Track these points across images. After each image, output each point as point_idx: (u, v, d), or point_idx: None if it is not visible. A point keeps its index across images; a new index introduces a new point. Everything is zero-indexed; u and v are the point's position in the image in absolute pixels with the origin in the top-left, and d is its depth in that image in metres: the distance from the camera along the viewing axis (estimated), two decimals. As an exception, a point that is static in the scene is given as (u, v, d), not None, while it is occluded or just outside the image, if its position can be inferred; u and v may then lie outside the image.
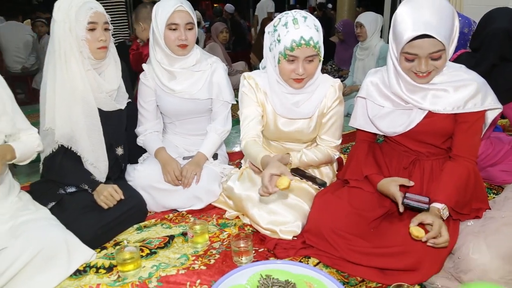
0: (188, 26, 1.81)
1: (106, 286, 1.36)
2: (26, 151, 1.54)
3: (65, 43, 1.60)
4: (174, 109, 1.97)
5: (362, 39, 3.75)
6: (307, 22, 1.48)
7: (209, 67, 1.94)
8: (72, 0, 1.61)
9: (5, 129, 1.45)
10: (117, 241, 1.67)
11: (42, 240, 1.39)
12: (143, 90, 1.97)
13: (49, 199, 1.69)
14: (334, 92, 1.69)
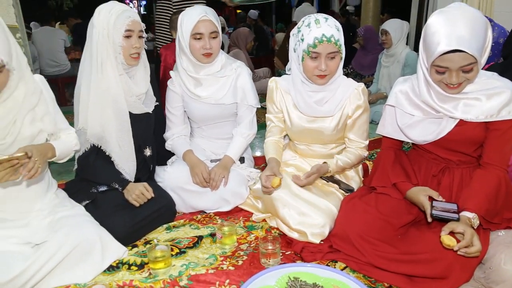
0: (213, 35, 1.86)
1: (139, 282, 1.41)
2: (65, 150, 1.60)
3: (102, 48, 1.67)
4: (201, 114, 2.03)
5: (387, 46, 3.74)
6: (328, 22, 1.58)
7: (234, 72, 1.98)
8: (112, 7, 1.69)
9: (47, 129, 1.52)
10: (148, 240, 1.72)
11: (79, 235, 1.45)
12: (171, 96, 2.04)
13: (84, 197, 1.77)
14: (358, 95, 1.73)
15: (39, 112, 1.48)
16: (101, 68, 1.70)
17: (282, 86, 1.83)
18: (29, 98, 1.43)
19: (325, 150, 1.86)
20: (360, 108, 1.75)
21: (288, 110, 1.83)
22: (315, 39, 1.56)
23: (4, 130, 1.37)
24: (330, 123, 1.76)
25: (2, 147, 1.38)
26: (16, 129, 1.40)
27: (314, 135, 1.81)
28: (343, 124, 1.77)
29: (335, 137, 1.81)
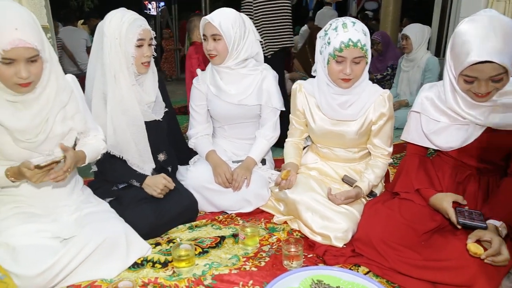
0: (214, 37, 1.90)
1: (164, 280, 1.43)
2: (94, 155, 1.65)
3: (115, 58, 1.69)
4: (224, 113, 2.06)
5: (407, 51, 3.72)
6: (356, 27, 1.59)
7: (260, 73, 2.00)
8: (123, 16, 1.69)
9: (78, 127, 1.55)
10: (170, 238, 1.74)
11: (105, 231, 1.48)
12: (195, 94, 2.08)
13: (106, 195, 1.80)
14: (383, 101, 1.73)
15: (70, 110, 1.52)
16: (114, 79, 1.72)
17: (306, 88, 1.85)
18: (60, 95, 1.47)
19: (348, 154, 1.86)
20: (384, 116, 1.75)
21: (311, 112, 1.84)
22: (341, 43, 1.57)
23: (37, 128, 1.41)
24: (353, 127, 1.76)
25: (33, 145, 1.42)
26: (48, 127, 1.44)
27: (336, 138, 1.82)
28: (366, 129, 1.77)
29: (358, 141, 1.81)
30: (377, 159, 1.81)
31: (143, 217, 1.69)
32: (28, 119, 1.38)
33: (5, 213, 1.46)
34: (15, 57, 1.27)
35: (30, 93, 1.38)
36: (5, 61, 1.26)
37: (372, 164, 1.80)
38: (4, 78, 1.30)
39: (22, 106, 1.39)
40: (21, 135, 1.38)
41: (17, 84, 1.31)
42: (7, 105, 1.36)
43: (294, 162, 1.87)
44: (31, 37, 1.28)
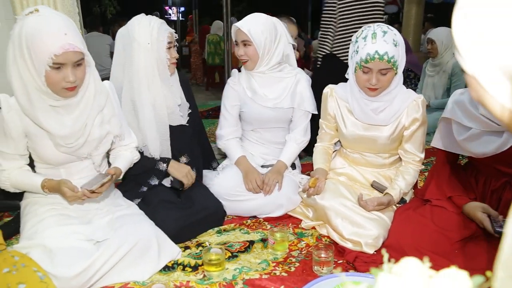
0: (244, 42, 1.93)
1: (195, 284, 1.44)
2: (128, 166, 1.72)
3: (147, 62, 1.72)
4: (258, 117, 2.05)
5: (432, 55, 3.66)
6: (385, 37, 1.56)
7: (294, 77, 2.01)
8: (150, 20, 1.73)
9: (114, 130, 1.59)
10: (199, 242, 1.76)
11: (138, 234, 1.50)
12: (231, 93, 2.09)
13: (134, 196, 1.83)
14: (416, 106, 1.71)
15: (107, 114, 1.56)
16: (147, 84, 1.75)
17: (337, 93, 1.84)
18: (98, 98, 1.51)
19: (378, 160, 1.84)
20: (417, 121, 1.72)
21: (343, 117, 1.83)
22: (367, 55, 1.56)
23: (78, 132, 1.45)
24: (385, 132, 1.75)
25: (73, 149, 1.47)
26: (87, 131, 1.48)
27: (368, 143, 1.80)
28: (398, 134, 1.75)
29: (389, 146, 1.79)
30: (408, 166, 1.78)
31: (170, 219, 1.70)
32: (71, 124, 1.43)
33: (42, 215, 1.50)
34: (64, 61, 1.31)
35: (73, 97, 1.42)
36: (54, 66, 1.30)
37: (403, 171, 1.77)
38: (52, 83, 1.34)
39: (63, 111, 1.43)
40: (63, 140, 1.42)
41: (64, 88, 1.36)
42: (50, 110, 1.40)
43: (323, 168, 1.87)
44: (78, 41, 1.34)
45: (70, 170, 1.56)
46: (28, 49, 1.29)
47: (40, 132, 1.44)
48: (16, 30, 1.31)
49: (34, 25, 1.29)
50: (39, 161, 1.55)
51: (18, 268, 1.18)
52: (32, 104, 1.37)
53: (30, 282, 1.15)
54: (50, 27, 1.30)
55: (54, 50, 1.28)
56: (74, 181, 1.56)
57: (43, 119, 1.39)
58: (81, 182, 1.58)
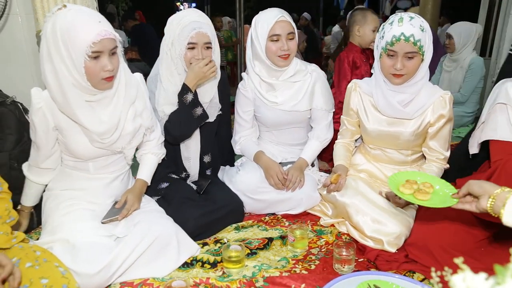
0: (290, 36, 1.83)
1: (215, 280, 1.43)
2: (153, 171, 1.76)
3: (168, 57, 1.73)
4: (273, 120, 1.99)
5: (450, 50, 3.59)
6: (412, 22, 1.54)
7: (309, 77, 1.94)
8: (182, 17, 1.71)
9: (146, 123, 1.61)
10: (217, 239, 1.74)
11: (157, 230, 1.49)
12: (242, 100, 2.01)
13: (153, 193, 1.83)
14: (443, 103, 1.66)
15: (139, 106, 1.56)
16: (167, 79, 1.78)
17: (361, 87, 1.80)
18: (130, 90, 1.51)
19: (400, 157, 1.80)
20: (443, 117, 1.66)
21: (366, 112, 1.79)
22: (393, 37, 1.54)
23: (113, 127, 1.45)
24: (409, 127, 1.70)
25: (108, 143, 1.48)
26: (121, 125, 1.49)
27: (390, 139, 1.76)
28: (422, 130, 1.70)
29: (412, 143, 1.75)
30: (432, 164, 1.73)
31: (191, 217, 1.69)
32: (107, 120, 1.44)
33: (64, 210, 1.50)
34: (102, 49, 1.31)
35: (109, 89, 1.42)
36: (93, 55, 1.30)
37: (426, 169, 1.72)
38: (92, 74, 1.34)
39: (98, 106, 1.43)
40: (100, 136, 1.43)
41: (103, 79, 1.36)
42: (86, 106, 1.40)
43: (343, 164, 1.83)
44: (110, 29, 1.35)
45: (98, 164, 1.58)
46: (65, 43, 1.29)
47: (73, 127, 1.45)
48: (49, 28, 1.31)
49: (67, 19, 1.30)
50: (67, 155, 1.55)
51: (40, 263, 1.17)
52: (68, 101, 1.37)
53: (52, 277, 1.15)
54: (83, 18, 1.31)
55: (92, 38, 1.28)
56: (101, 175, 1.60)
57: (81, 115, 1.39)
58: (109, 177, 1.62)
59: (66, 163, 1.59)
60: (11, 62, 2.15)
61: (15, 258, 1.17)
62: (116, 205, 1.58)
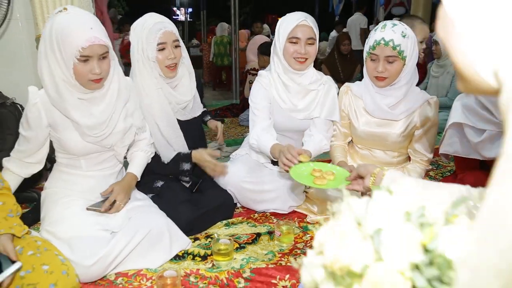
0: (309, 41, 1.84)
1: (205, 271, 1.52)
2: (144, 166, 1.82)
3: (138, 63, 1.76)
4: (284, 126, 2.01)
5: (436, 56, 3.72)
6: (394, 28, 1.65)
7: (323, 87, 1.97)
8: (146, 19, 1.75)
9: (136, 123, 1.70)
10: (208, 234, 1.83)
11: (150, 224, 1.57)
12: (259, 90, 1.96)
13: (148, 191, 1.91)
14: (429, 107, 1.75)
15: (130, 107, 1.65)
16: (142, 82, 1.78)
17: (353, 90, 1.88)
18: (122, 92, 1.60)
19: (386, 158, 1.89)
20: (429, 120, 1.75)
21: (356, 114, 1.87)
22: (374, 42, 1.66)
23: (104, 123, 1.54)
24: (397, 129, 1.79)
25: (99, 139, 1.56)
26: (113, 123, 1.57)
27: (379, 140, 1.84)
28: (409, 132, 1.79)
29: (399, 144, 1.83)
30: (416, 165, 1.83)
31: (183, 214, 1.77)
32: (98, 115, 1.51)
33: (62, 205, 1.58)
34: (91, 54, 1.40)
35: (99, 89, 1.51)
36: (81, 58, 1.39)
37: (410, 169, 1.82)
38: (80, 76, 1.43)
39: (90, 104, 1.51)
40: (90, 130, 1.51)
41: (90, 80, 1.44)
42: (78, 103, 1.49)
43: (344, 161, 1.88)
44: (102, 35, 1.43)
45: (90, 161, 1.65)
46: (58, 44, 1.38)
47: (66, 123, 1.52)
48: (47, 27, 1.41)
49: (63, 22, 1.39)
50: (60, 151, 1.63)
51: (41, 251, 1.26)
52: (61, 97, 1.45)
53: (53, 264, 1.23)
54: (78, 22, 1.40)
55: (81, 43, 1.37)
56: (94, 172, 1.67)
57: (72, 110, 1.47)
58: (101, 174, 1.68)
59: (60, 161, 1.66)
60: (11, 65, 2.24)
61: (18, 246, 1.25)
62: (102, 193, 1.64)
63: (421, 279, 0.43)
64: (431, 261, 0.43)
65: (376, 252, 0.46)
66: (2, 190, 1.35)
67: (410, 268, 0.44)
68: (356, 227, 0.49)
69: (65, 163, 1.65)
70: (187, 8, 11.94)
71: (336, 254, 0.48)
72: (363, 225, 0.49)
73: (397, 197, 0.50)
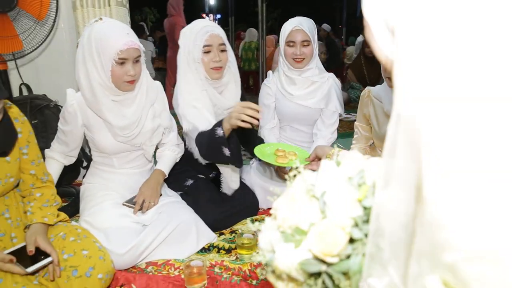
0: (304, 43, 2.04)
1: (229, 263, 1.61)
2: (172, 164, 1.92)
3: (184, 65, 1.85)
4: (287, 113, 2.20)
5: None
6: None
7: (326, 81, 2.15)
8: (194, 26, 1.84)
9: (164, 123, 1.82)
10: (233, 229, 1.92)
11: (179, 219, 1.68)
12: (265, 91, 2.24)
13: (178, 189, 2.02)
14: None
15: (158, 108, 1.78)
16: (187, 83, 1.86)
17: (373, 93, 1.94)
18: (150, 93, 1.73)
19: None
20: None
21: (377, 117, 1.92)
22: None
23: (134, 123, 1.67)
24: None
25: (129, 138, 1.69)
26: (141, 123, 1.70)
27: None
28: None
29: None
30: None
31: (210, 212, 1.86)
32: (129, 116, 1.64)
33: (99, 198, 1.72)
34: (127, 57, 1.54)
35: (131, 91, 1.64)
36: (119, 61, 1.53)
37: None
38: (116, 77, 1.56)
39: (122, 106, 1.65)
40: (121, 130, 1.64)
41: (125, 82, 1.58)
42: (112, 105, 1.63)
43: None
44: (136, 40, 1.58)
45: (122, 159, 1.78)
46: (97, 50, 1.53)
47: (99, 124, 1.66)
48: (86, 36, 1.56)
49: (101, 30, 1.54)
50: (95, 150, 1.78)
51: (81, 238, 1.38)
52: (96, 99, 1.59)
53: (91, 249, 1.35)
54: (115, 29, 1.55)
55: (119, 47, 1.52)
56: (126, 170, 1.79)
57: (106, 111, 1.61)
58: (132, 172, 1.81)
59: (96, 159, 1.81)
60: (55, 70, 2.43)
61: (62, 232, 1.39)
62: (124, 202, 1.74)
63: (359, 232, 0.50)
64: (367, 219, 0.50)
65: (322, 212, 0.53)
66: (46, 183, 1.49)
67: (350, 225, 0.51)
68: (304, 192, 0.57)
69: (100, 161, 1.80)
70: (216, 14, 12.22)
71: (287, 215, 0.56)
72: (311, 190, 0.56)
73: (343, 166, 0.57)
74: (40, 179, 1.44)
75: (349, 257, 0.51)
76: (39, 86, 2.40)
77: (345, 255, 0.51)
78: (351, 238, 0.51)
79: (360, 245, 0.50)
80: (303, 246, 0.54)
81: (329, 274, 0.51)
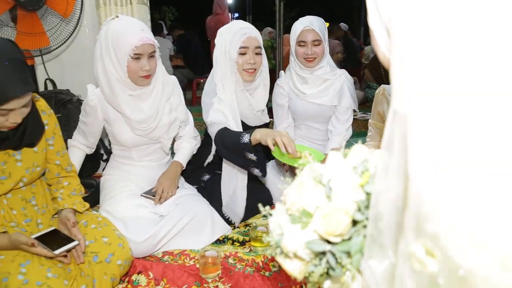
0: (315, 43, 2.06)
1: (243, 254, 1.66)
2: (190, 155, 1.98)
3: (220, 64, 1.84)
4: (301, 111, 2.23)
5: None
6: None
7: (338, 78, 2.17)
8: (232, 26, 1.87)
9: (180, 117, 1.87)
10: (247, 223, 1.97)
11: (195, 210, 1.74)
12: (277, 91, 2.27)
13: (194, 183, 2.08)
14: None
15: (174, 102, 1.83)
16: (222, 86, 1.84)
17: (388, 91, 1.97)
18: (166, 88, 1.78)
19: None
20: None
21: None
22: None
23: (151, 117, 1.73)
24: None
25: (147, 131, 1.75)
26: (158, 117, 1.76)
27: None
28: None
29: None
30: None
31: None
32: (146, 110, 1.71)
33: (118, 190, 1.79)
34: (142, 52, 1.60)
35: (147, 86, 1.70)
36: (134, 56, 1.60)
37: None
38: (132, 72, 1.63)
39: (139, 100, 1.71)
40: (139, 124, 1.71)
41: (141, 76, 1.64)
42: (129, 100, 1.69)
43: None
44: (151, 36, 1.64)
45: (140, 152, 1.85)
46: (113, 46, 1.59)
47: (118, 118, 1.73)
48: (103, 32, 1.63)
49: (117, 27, 1.61)
50: (115, 143, 1.85)
51: (101, 226, 1.45)
52: (114, 93, 1.66)
53: (111, 237, 1.42)
54: (130, 26, 1.62)
55: (134, 43, 1.58)
56: (144, 162, 1.86)
57: (124, 106, 1.68)
58: (150, 164, 1.88)
59: (115, 152, 1.89)
60: (78, 66, 2.53)
61: (83, 220, 1.46)
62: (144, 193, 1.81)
63: (361, 215, 0.54)
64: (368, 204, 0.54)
65: (327, 197, 0.58)
66: (70, 173, 1.57)
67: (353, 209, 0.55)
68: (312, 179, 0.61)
69: (119, 154, 1.88)
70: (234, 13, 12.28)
71: (295, 199, 0.60)
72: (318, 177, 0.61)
73: (349, 158, 0.61)
74: (64, 169, 1.52)
75: (351, 238, 0.55)
76: (63, 81, 2.50)
77: (348, 235, 0.55)
78: (353, 221, 0.55)
79: (361, 227, 0.54)
80: (309, 228, 0.58)
81: (333, 253, 0.55)
